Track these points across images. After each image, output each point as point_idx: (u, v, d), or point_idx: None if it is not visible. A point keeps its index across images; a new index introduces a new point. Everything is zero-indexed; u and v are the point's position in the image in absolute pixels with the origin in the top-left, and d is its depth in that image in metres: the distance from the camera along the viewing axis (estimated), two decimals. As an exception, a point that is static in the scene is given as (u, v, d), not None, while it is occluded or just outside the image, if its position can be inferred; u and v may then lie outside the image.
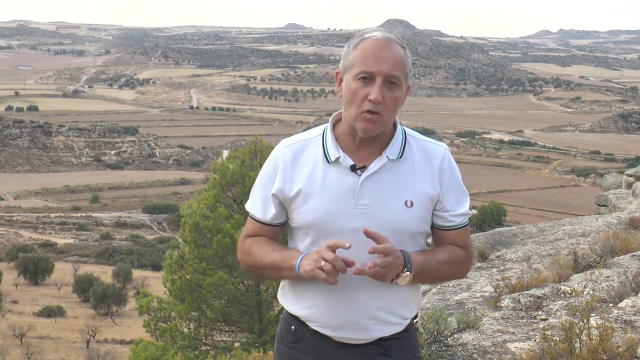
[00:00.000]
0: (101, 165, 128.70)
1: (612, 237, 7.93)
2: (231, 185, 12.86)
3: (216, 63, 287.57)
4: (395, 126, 2.47)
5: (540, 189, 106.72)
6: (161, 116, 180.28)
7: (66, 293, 43.66)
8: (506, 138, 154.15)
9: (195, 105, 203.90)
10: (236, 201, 12.77)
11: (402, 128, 2.49)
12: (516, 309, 6.00)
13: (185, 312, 12.39)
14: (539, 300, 6.10)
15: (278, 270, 2.45)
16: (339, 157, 2.41)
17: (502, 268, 7.87)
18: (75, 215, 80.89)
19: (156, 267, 44.70)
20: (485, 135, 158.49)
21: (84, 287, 41.33)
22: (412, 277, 2.37)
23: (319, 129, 2.51)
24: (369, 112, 2.34)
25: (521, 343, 5.17)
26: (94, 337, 32.74)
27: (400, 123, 2.49)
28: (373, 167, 2.40)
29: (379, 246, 2.30)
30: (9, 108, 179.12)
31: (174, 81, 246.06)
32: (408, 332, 2.53)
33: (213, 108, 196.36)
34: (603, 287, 6.17)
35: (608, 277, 6.42)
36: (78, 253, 57.55)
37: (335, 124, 2.50)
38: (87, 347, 31.29)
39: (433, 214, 2.47)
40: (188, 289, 12.22)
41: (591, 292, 6.00)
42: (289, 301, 2.52)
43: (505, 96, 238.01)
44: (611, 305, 5.70)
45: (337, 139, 2.45)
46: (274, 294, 12.13)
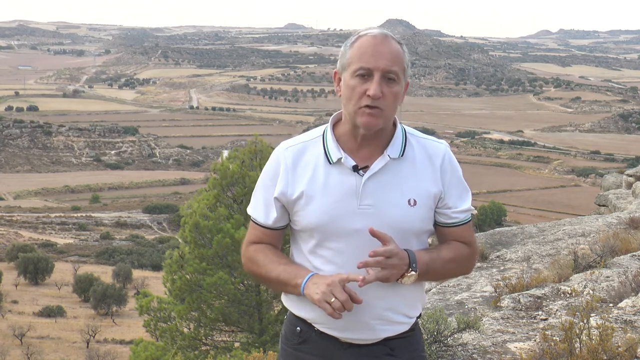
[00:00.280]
0: (101, 165, 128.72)
1: (612, 237, 7.92)
2: (231, 185, 12.85)
3: (216, 63, 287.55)
4: (395, 125, 2.47)
5: (540, 189, 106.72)
6: (161, 116, 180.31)
7: (66, 293, 43.67)
8: (506, 138, 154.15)
9: (195, 105, 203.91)
10: (236, 201, 12.77)
11: (402, 127, 2.48)
12: (516, 309, 6.00)
13: (185, 312, 12.39)
14: (539, 300, 6.10)
15: (283, 285, 2.46)
16: (341, 158, 2.40)
17: (502, 268, 7.87)
18: (75, 215, 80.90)
19: (156, 267, 44.71)
20: (485, 135, 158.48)
21: (84, 287, 41.34)
22: (418, 276, 2.37)
23: (319, 130, 2.50)
24: (368, 107, 2.33)
25: (521, 343, 5.17)
26: (94, 337, 32.75)
27: (400, 122, 2.49)
28: (375, 167, 2.40)
29: (380, 250, 2.30)
30: (9, 108, 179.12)
31: (174, 81, 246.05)
32: (414, 332, 2.53)
33: (213, 108, 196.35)
34: (603, 287, 6.16)
35: (608, 277, 6.42)
36: (78, 253, 57.56)
37: (335, 125, 2.49)
38: (87, 347, 31.30)
39: (436, 212, 2.46)
40: (188, 289, 12.22)
41: (591, 292, 6.00)
42: (294, 304, 2.51)
43: (505, 96, 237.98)
44: (611, 305, 5.70)
45: (338, 140, 2.44)
46: (274, 294, 12.13)
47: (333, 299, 2.27)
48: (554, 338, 4.42)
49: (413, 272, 2.34)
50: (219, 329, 12.86)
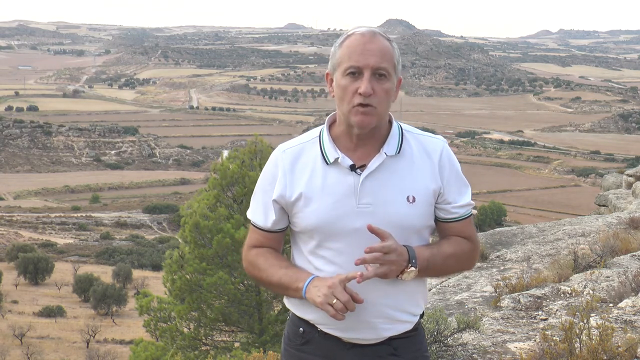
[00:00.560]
0: (101, 165, 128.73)
1: (612, 237, 7.92)
2: (231, 185, 12.85)
3: (216, 63, 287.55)
4: (391, 123, 2.47)
5: (540, 189, 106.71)
6: (161, 116, 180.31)
7: (66, 293, 43.66)
8: (506, 138, 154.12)
9: (195, 105, 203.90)
10: (236, 201, 12.77)
11: (398, 124, 2.49)
12: (516, 309, 6.00)
13: (185, 312, 12.38)
14: (539, 300, 6.10)
15: (284, 289, 2.46)
16: (338, 158, 2.40)
17: (502, 268, 7.87)
18: (75, 215, 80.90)
19: (156, 267, 44.71)
20: (485, 135, 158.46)
21: (84, 287, 41.34)
22: (418, 272, 2.37)
23: (315, 132, 2.50)
24: (361, 105, 2.34)
25: (521, 343, 5.17)
26: (94, 337, 32.75)
27: (395, 120, 2.49)
28: (372, 165, 2.40)
29: (376, 246, 2.29)
30: (9, 108, 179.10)
31: (174, 81, 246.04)
32: (417, 332, 2.52)
33: (213, 108, 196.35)
34: (603, 287, 6.16)
35: (608, 277, 6.42)
36: (78, 253, 57.56)
37: (331, 126, 2.49)
38: (87, 347, 31.30)
39: (436, 207, 2.46)
40: (188, 289, 12.22)
41: (591, 292, 6.00)
42: (296, 305, 2.51)
43: (505, 96, 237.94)
44: (611, 305, 5.70)
45: (335, 140, 2.44)
46: (274, 294, 12.12)
47: (335, 301, 2.27)
48: (554, 338, 4.42)
49: (413, 268, 2.34)
50: (219, 329, 12.86)
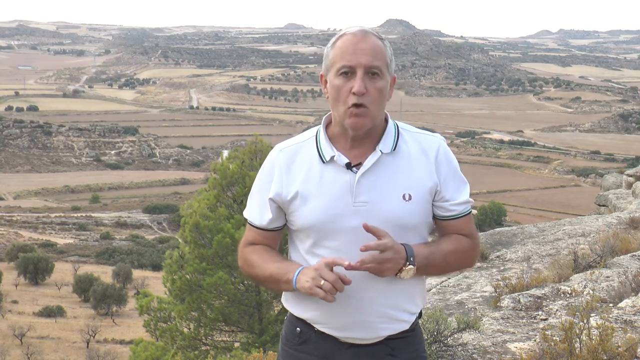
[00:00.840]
0: (101, 165, 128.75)
1: (612, 237, 7.92)
2: (231, 185, 12.85)
3: (216, 63, 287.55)
4: (386, 121, 2.47)
5: (540, 189, 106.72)
6: (161, 116, 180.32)
7: (66, 293, 43.66)
8: (506, 138, 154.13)
9: (195, 105, 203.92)
10: (236, 201, 12.76)
11: (394, 122, 2.48)
12: (516, 309, 6.00)
13: (185, 312, 12.38)
14: (539, 300, 6.10)
15: (276, 283, 2.45)
16: (334, 156, 2.40)
17: (502, 268, 7.87)
18: (75, 215, 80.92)
19: (156, 267, 44.72)
20: (485, 135, 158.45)
21: (84, 287, 41.34)
22: (417, 270, 2.36)
23: (312, 131, 2.51)
24: (355, 107, 2.33)
25: (521, 343, 5.17)
26: (94, 337, 32.74)
27: (392, 118, 2.49)
28: (368, 163, 2.39)
29: (372, 244, 2.29)
30: (9, 108, 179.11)
31: (174, 81, 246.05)
32: (414, 332, 2.52)
33: (213, 108, 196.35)
34: (603, 287, 6.17)
35: (608, 277, 6.42)
36: (78, 253, 57.57)
37: (327, 126, 2.49)
38: (87, 347, 31.30)
39: (434, 205, 2.45)
40: (188, 289, 12.22)
41: (591, 292, 6.00)
42: (293, 305, 2.51)
43: (505, 96, 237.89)
44: (611, 305, 5.70)
45: (331, 140, 2.44)
46: (274, 294, 12.12)
47: (323, 282, 2.27)
48: (554, 338, 4.42)
49: (411, 266, 2.34)
50: (219, 329, 12.86)
